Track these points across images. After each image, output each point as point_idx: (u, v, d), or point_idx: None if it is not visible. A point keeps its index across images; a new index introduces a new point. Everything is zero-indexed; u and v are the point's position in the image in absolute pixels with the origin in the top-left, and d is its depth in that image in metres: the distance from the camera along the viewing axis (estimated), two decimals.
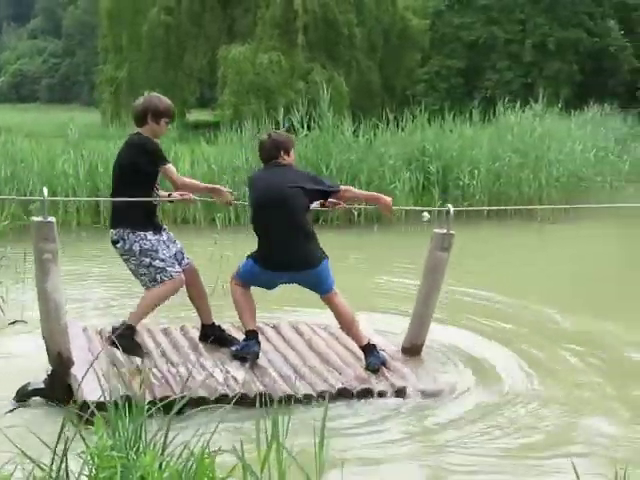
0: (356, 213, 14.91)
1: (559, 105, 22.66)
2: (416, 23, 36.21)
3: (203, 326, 6.80)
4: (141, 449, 3.45)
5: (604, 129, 23.49)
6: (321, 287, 6.40)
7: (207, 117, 38.13)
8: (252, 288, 6.54)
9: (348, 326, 6.51)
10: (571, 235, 14.40)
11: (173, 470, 3.29)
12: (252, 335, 6.46)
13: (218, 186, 6.95)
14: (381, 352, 6.61)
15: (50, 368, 6.04)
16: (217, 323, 6.83)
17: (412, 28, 36.04)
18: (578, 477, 2.81)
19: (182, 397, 5.07)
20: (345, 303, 6.46)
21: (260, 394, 5.67)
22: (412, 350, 6.77)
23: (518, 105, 20.29)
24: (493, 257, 12.55)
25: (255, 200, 6.40)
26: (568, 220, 15.35)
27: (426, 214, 15.06)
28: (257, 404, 5.16)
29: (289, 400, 5.75)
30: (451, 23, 37.18)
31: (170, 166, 6.34)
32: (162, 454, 3.43)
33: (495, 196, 16.16)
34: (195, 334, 6.96)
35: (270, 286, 6.58)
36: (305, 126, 16.37)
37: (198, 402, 5.41)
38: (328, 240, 6.90)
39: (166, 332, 7.11)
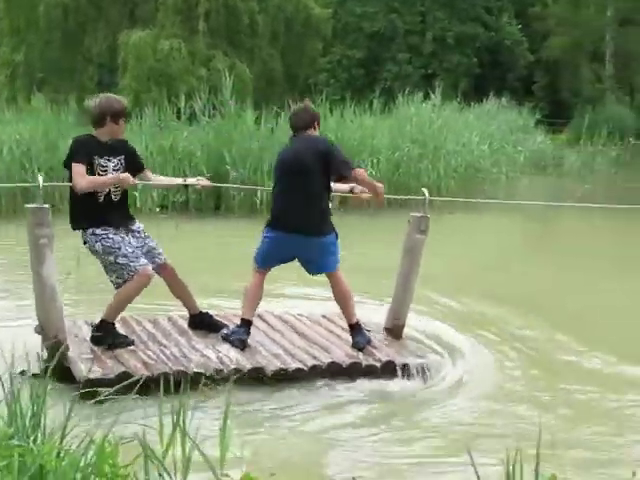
0: None
1: (458, 97, 23.10)
2: (319, 12, 36.26)
3: (191, 316, 6.92)
4: (40, 438, 3.42)
5: (501, 122, 24.08)
6: (326, 261, 6.56)
7: None
8: None
9: (344, 300, 6.67)
10: (467, 225, 14.69)
11: (72, 458, 3.28)
12: (246, 324, 6.64)
13: (118, 175, 6.40)
14: (367, 332, 6.80)
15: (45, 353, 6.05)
16: (204, 310, 6.96)
17: (315, 17, 36.09)
18: (473, 461, 2.92)
19: (180, 373, 5.67)
20: (345, 281, 6.65)
21: (254, 369, 6.02)
22: (394, 330, 6.98)
23: (417, 97, 20.59)
24: (389, 244, 12.69)
25: (278, 165, 6.59)
26: (467, 210, 15.63)
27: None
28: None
29: (281, 374, 6.04)
30: (353, 12, 37.47)
31: (76, 166, 6.12)
32: (61, 443, 3.40)
33: (394, 186, 16.36)
34: (183, 322, 7.07)
35: (280, 257, 6.65)
36: (207, 113, 16.29)
37: (194, 379, 5.57)
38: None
39: (154, 321, 7.19)
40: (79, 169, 6.10)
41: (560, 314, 8.57)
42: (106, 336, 6.37)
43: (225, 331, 6.72)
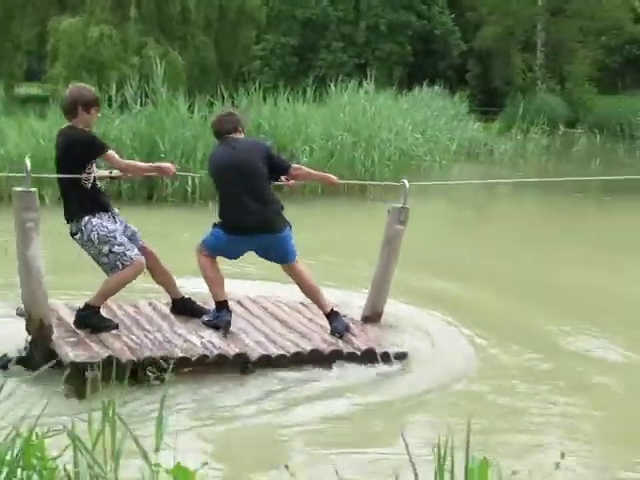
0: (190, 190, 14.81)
1: (392, 86, 23.19)
2: None
3: (173, 300, 6.95)
4: None
5: (434, 110, 24.24)
6: (286, 255, 6.68)
7: (37, 91, 36.90)
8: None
9: (313, 294, 6.83)
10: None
11: None
12: (223, 305, 6.69)
13: (160, 164, 7.04)
14: (344, 318, 6.87)
15: (29, 337, 6.22)
16: (186, 296, 6.98)
17: (249, 4, 35.93)
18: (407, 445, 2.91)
19: (165, 358, 5.61)
20: (307, 271, 6.79)
21: (238, 354, 6.12)
22: (372, 318, 7.12)
23: (351, 85, 20.60)
24: (324, 231, 12.73)
25: (222, 169, 6.60)
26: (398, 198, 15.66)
27: None
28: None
29: (265, 361, 6.15)
30: (287, 0, 37.39)
31: (110, 152, 6.37)
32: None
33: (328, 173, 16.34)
34: (164, 307, 7.09)
35: (234, 255, 6.81)
36: (139, 102, 16.09)
37: (178, 364, 5.58)
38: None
39: (136, 306, 7.19)
40: (114, 153, 6.41)
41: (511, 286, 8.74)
42: (90, 320, 6.39)
43: (206, 317, 6.75)
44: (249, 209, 6.49)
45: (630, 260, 11.09)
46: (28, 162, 6.05)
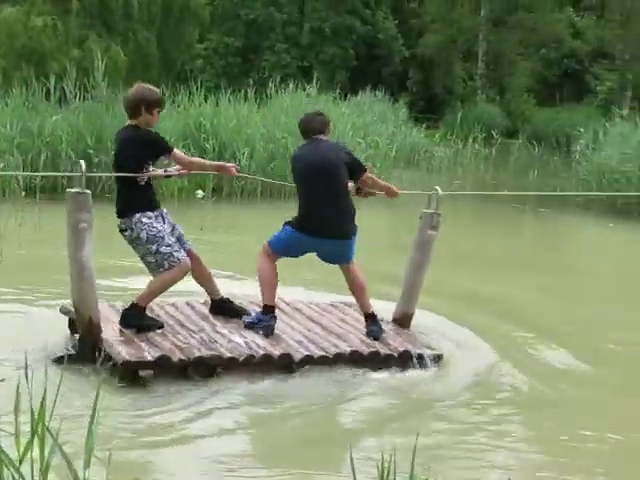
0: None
1: (336, 90, 23.19)
2: None
3: (213, 301, 7.06)
4: None
5: (375, 115, 24.30)
6: (347, 257, 6.82)
7: None
8: None
9: (360, 293, 6.93)
10: None
11: None
12: (270, 310, 6.75)
13: (223, 163, 7.27)
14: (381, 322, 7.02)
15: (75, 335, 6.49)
16: (225, 296, 7.10)
17: (192, 2, 35.65)
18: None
19: (214, 358, 6.00)
20: (360, 272, 6.90)
21: (283, 355, 6.28)
22: (403, 320, 7.30)
23: (293, 87, 20.55)
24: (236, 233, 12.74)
25: (308, 170, 6.62)
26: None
27: (200, 192, 15.06)
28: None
29: (308, 362, 6.30)
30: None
31: (175, 151, 6.54)
32: None
33: (269, 176, 16.25)
34: (202, 308, 7.21)
35: (296, 254, 6.89)
36: (78, 96, 15.87)
37: (227, 363, 6.05)
38: None
39: (175, 306, 7.28)
40: (180, 152, 6.66)
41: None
42: (137, 319, 6.48)
43: (248, 319, 6.83)
44: (331, 214, 6.57)
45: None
46: (83, 163, 6.10)
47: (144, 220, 6.36)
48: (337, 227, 6.63)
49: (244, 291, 8.03)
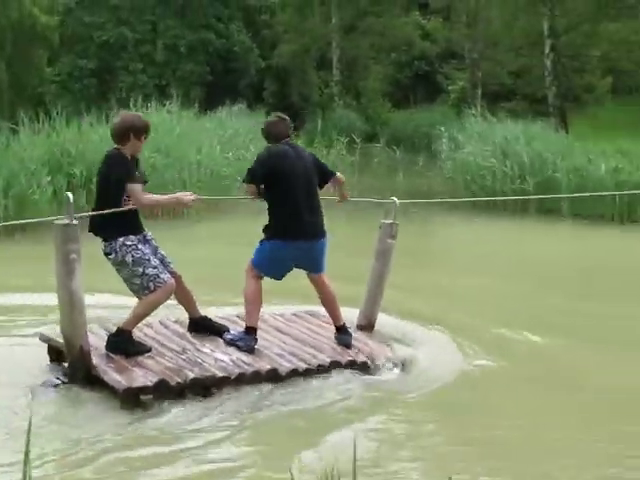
0: None
1: (195, 106, 23.13)
2: (45, 20, 35.11)
3: (192, 319, 7.19)
4: None
5: (237, 129, 24.32)
6: (321, 263, 7.06)
7: None
8: None
9: (332, 305, 7.19)
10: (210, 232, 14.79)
11: None
12: (253, 332, 6.93)
13: (178, 195, 7.03)
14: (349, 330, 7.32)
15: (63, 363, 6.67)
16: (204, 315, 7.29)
17: (41, 25, 34.90)
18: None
19: (210, 377, 6.25)
20: (330, 283, 7.13)
21: (270, 370, 6.54)
22: (367, 327, 7.66)
23: (154, 106, 20.40)
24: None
25: (289, 172, 6.77)
26: (217, 216, 15.68)
27: None
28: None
29: (293, 374, 6.61)
30: (82, 21, 36.58)
31: (134, 186, 6.47)
32: None
33: None
34: (176, 326, 7.39)
35: (283, 271, 7.00)
36: None
37: (219, 382, 6.33)
38: None
39: (152, 326, 7.38)
40: (138, 188, 6.49)
41: None
42: (124, 345, 6.57)
43: (229, 336, 7.01)
44: (313, 215, 6.86)
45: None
46: (70, 195, 6.27)
47: (128, 243, 6.46)
48: (319, 227, 6.94)
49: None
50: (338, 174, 7.32)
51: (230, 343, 6.90)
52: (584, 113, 36.11)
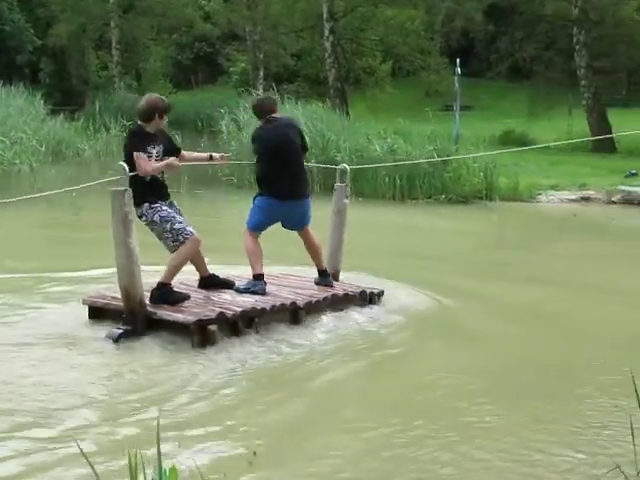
0: None
1: None
2: None
3: (202, 278, 7.91)
4: None
5: (13, 110, 23.40)
6: (309, 217, 8.10)
7: None
8: None
9: (317, 252, 8.25)
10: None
11: None
12: (261, 277, 7.81)
13: (168, 161, 7.44)
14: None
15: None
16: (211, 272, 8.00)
17: None
18: None
19: (256, 309, 7.24)
20: (315, 235, 8.17)
21: (292, 302, 7.56)
22: (335, 275, 8.61)
23: None
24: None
25: (279, 144, 7.79)
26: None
27: None
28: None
29: (310, 306, 7.66)
30: None
31: (138, 154, 7.14)
32: None
33: None
34: (194, 285, 7.92)
35: (275, 221, 7.99)
36: None
37: (260, 314, 7.27)
38: None
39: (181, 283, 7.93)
40: (141, 156, 7.17)
41: None
42: (167, 295, 7.33)
43: (241, 286, 7.79)
44: (300, 178, 7.98)
45: None
46: (125, 165, 6.94)
47: (153, 206, 7.31)
48: (304, 189, 8.02)
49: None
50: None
51: (243, 291, 7.67)
52: (364, 95, 37.25)
